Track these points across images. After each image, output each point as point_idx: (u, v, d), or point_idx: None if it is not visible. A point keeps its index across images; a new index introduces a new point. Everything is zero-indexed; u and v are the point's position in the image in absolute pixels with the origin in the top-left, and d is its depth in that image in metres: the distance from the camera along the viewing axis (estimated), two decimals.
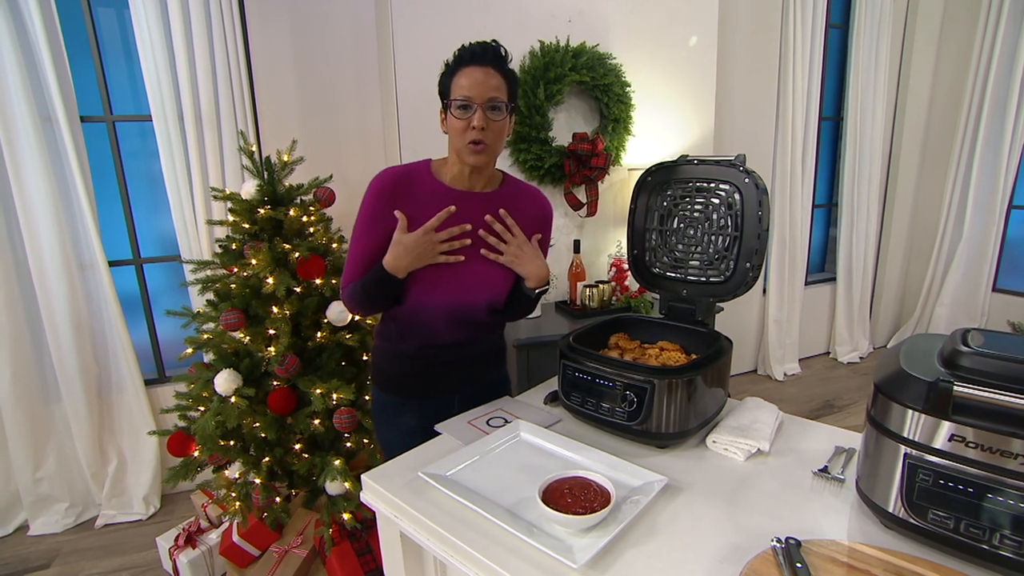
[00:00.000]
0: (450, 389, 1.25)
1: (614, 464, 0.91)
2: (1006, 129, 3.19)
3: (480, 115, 1.04)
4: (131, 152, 2.33)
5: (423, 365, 1.21)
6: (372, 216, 1.11)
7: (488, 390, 1.28)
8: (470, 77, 1.04)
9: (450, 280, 1.13)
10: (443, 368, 1.22)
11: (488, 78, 1.05)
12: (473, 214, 1.13)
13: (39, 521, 2.25)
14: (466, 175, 1.14)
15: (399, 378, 1.23)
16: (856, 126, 3.42)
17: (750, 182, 1.11)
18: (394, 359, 1.23)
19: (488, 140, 1.06)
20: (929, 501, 0.69)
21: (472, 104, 1.04)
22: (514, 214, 1.17)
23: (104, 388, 2.31)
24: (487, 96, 1.04)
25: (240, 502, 1.71)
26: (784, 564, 0.68)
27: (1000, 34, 3.14)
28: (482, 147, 1.06)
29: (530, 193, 1.24)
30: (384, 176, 1.12)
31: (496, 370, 1.33)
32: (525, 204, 1.21)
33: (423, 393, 1.23)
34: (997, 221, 3.33)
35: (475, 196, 1.15)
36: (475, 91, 1.04)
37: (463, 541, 0.77)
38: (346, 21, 2.42)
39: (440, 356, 1.21)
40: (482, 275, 1.16)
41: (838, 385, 3.40)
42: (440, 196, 1.12)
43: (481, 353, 1.27)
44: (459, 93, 1.05)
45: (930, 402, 0.68)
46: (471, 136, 1.05)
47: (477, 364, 1.27)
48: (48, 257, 2.09)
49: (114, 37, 2.25)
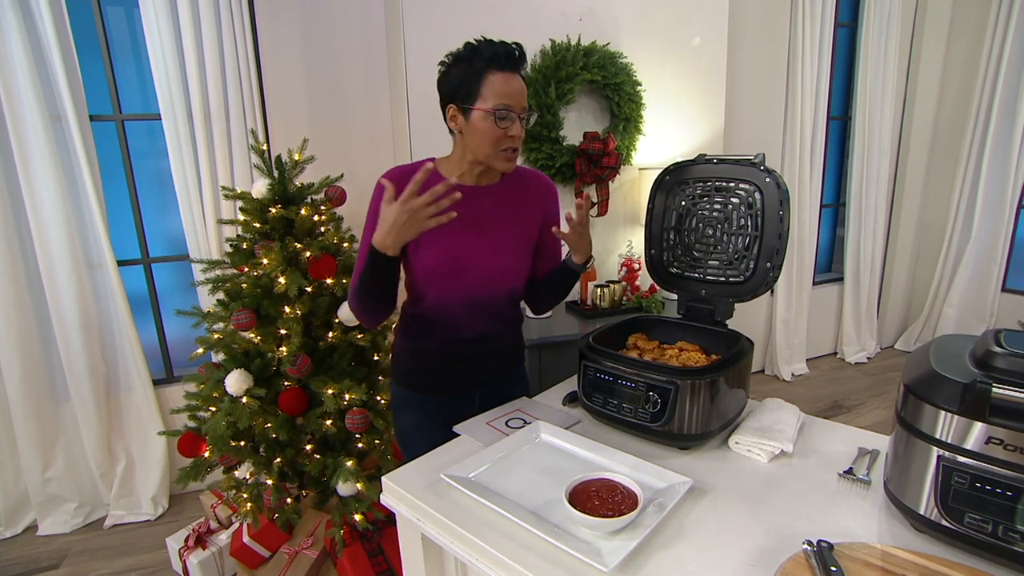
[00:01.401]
0: (471, 385, 1.24)
1: (638, 466, 0.90)
2: (1016, 128, 3.17)
3: (519, 125, 1.05)
4: (140, 151, 2.32)
5: (445, 361, 1.21)
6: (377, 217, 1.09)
7: (508, 387, 1.28)
8: (509, 85, 1.03)
9: (470, 272, 1.13)
10: (465, 364, 1.22)
11: (522, 86, 1.06)
12: (480, 208, 1.14)
13: (48, 521, 2.25)
14: (475, 173, 1.14)
15: (420, 374, 1.22)
16: (864, 126, 3.40)
17: (771, 181, 1.10)
18: (416, 356, 1.22)
19: (519, 147, 1.09)
20: (965, 504, 0.68)
21: (513, 113, 1.04)
22: (526, 196, 1.20)
23: (113, 388, 2.31)
24: (523, 105, 1.06)
25: (252, 503, 1.70)
26: (818, 567, 0.67)
27: (1010, 33, 3.13)
28: (515, 154, 1.08)
29: (532, 174, 1.26)
30: (391, 174, 1.11)
31: (516, 367, 1.33)
32: (534, 185, 1.23)
33: (444, 390, 1.23)
34: (1006, 221, 3.31)
35: (484, 190, 1.16)
36: (515, 100, 1.03)
37: (490, 545, 0.76)
38: (355, 19, 2.41)
39: (462, 352, 1.20)
40: (501, 265, 1.17)
41: (846, 386, 3.38)
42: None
43: (502, 348, 1.27)
44: (498, 101, 1.02)
45: (966, 404, 0.67)
46: (507, 144, 1.06)
47: (498, 360, 1.27)
48: (57, 257, 2.09)
49: (123, 36, 2.25)
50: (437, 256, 1.11)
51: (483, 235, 1.14)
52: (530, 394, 1.30)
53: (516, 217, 1.19)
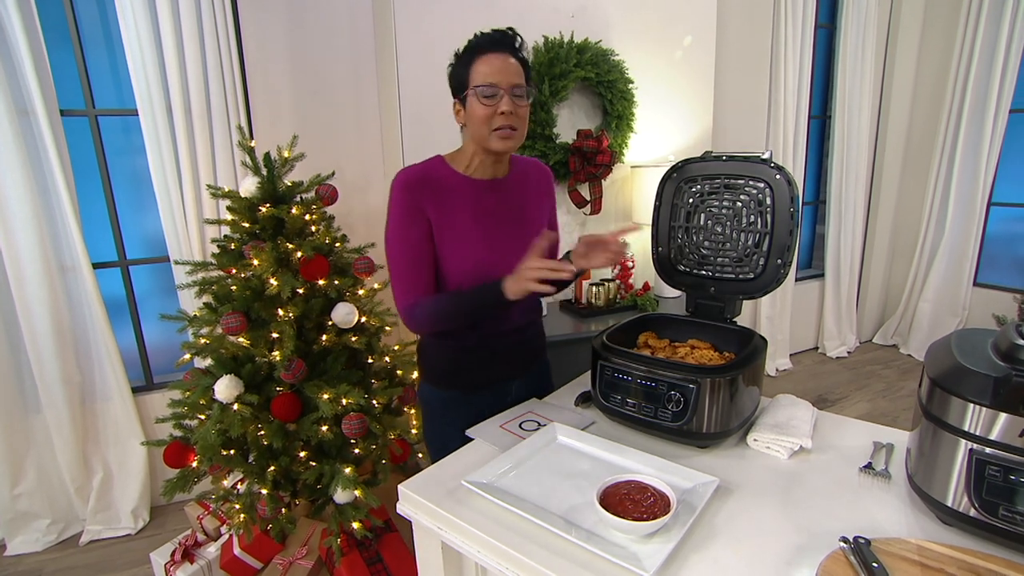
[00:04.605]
0: (510, 377, 1.26)
1: (664, 467, 0.88)
2: (985, 128, 3.29)
3: (508, 100, 1.04)
4: (115, 148, 2.21)
5: (485, 356, 1.21)
6: (404, 216, 1.08)
7: (538, 376, 1.33)
8: (491, 64, 1.03)
9: (507, 264, 1.10)
10: (503, 356, 1.23)
11: (509, 64, 1.05)
12: (498, 202, 1.15)
13: (18, 540, 2.12)
14: (488, 164, 1.14)
15: (460, 373, 1.22)
16: (844, 124, 3.49)
17: (781, 178, 1.10)
18: (456, 354, 1.21)
19: (516, 125, 1.07)
20: (1000, 497, 0.68)
21: (498, 90, 1.03)
22: (529, 190, 1.22)
23: (88, 397, 2.19)
24: (512, 81, 1.04)
25: (244, 514, 1.63)
26: (858, 565, 0.66)
27: (979, 35, 3.25)
28: (511, 132, 1.06)
29: (533, 164, 1.27)
30: (408, 174, 1.10)
31: (544, 355, 1.37)
32: (536, 178, 1.25)
33: (484, 385, 1.23)
34: (977, 218, 3.43)
35: (496, 184, 1.17)
36: (499, 77, 1.03)
37: (521, 553, 0.73)
38: (343, 11, 2.35)
39: (501, 344, 1.22)
40: (524, 256, 1.17)
41: (829, 380, 3.46)
42: (464, 187, 1.13)
43: (535, 335, 1.32)
44: (483, 80, 1.03)
45: (1000, 397, 0.68)
46: (499, 122, 1.05)
47: (531, 349, 1.31)
48: (26, 259, 1.97)
49: (95, 25, 2.13)
50: (463, 250, 1.11)
51: (505, 227, 1.16)
52: (553, 384, 1.32)
53: (531, 205, 1.21)
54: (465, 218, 1.11)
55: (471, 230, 1.11)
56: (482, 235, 1.12)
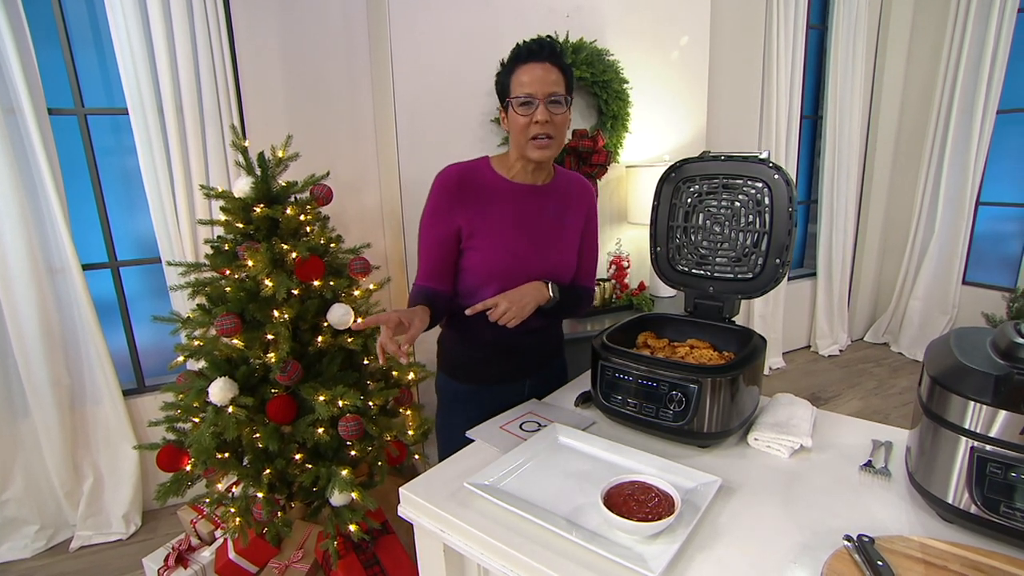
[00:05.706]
0: (524, 373, 1.29)
1: (666, 467, 0.88)
2: (974, 128, 3.34)
3: (543, 110, 1.07)
4: (105, 148, 2.17)
5: (501, 351, 1.24)
6: (436, 212, 1.15)
7: (553, 374, 1.34)
8: (530, 74, 1.07)
9: (529, 268, 1.17)
10: (520, 353, 1.26)
11: (547, 73, 1.08)
12: (537, 208, 1.19)
13: (5, 547, 2.08)
14: (529, 170, 1.18)
15: (476, 366, 1.25)
16: (835, 125, 3.52)
17: (780, 178, 1.10)
18: (472, 348, 1.25)
19: (553, 134, 1.10)
20: (1001, 494, 0.69)
21: (534, 100, 1.07)
22: (570, 202, 1.24)
23: (78, 400, 2.15)
24: (548, 91, 1.07)
25: (240, 517, 1.61)
26: (864, 563, 0.67)
27: (967, 37, 3.29)
28: (547, 142, 1.10)
29: (577, 179, 1.30)
30: (448, 173, 1.15)
31: (561, 355, 1.39)
32: (578, 191, 1.28)
33: (499, 379, 1.25)
34: (966, 217, 3.48)
35: (536, 190, 1.20)
36: (536, 87, 1.07)
37: (525, 555, 0.73)
38: (336, 8, 2.33)
39: (518, 342, 1.24)
40: (556, 262, 1.22)
41: (822, 378, 3.49)
42: (504, 191, 1.17)
43: (553, 336, 1.34)
44: (520, 90, 1.08)
45: (1000, 395, 0.68)
46: (534, 131, 1.09)
47: (548, 348, 1.33)
48: (14, 261, 1.93)
49: (84, 22, 2.10)
50: (498, 252, 1.15)
51: (540, 232, 1.19)
52: (568, 381, 1.34)
53: (570, 217, 1.24)
54: (500, 220, 1.15)
55: (504, 231, 1.15)
56: (513, 238, 1.16)
